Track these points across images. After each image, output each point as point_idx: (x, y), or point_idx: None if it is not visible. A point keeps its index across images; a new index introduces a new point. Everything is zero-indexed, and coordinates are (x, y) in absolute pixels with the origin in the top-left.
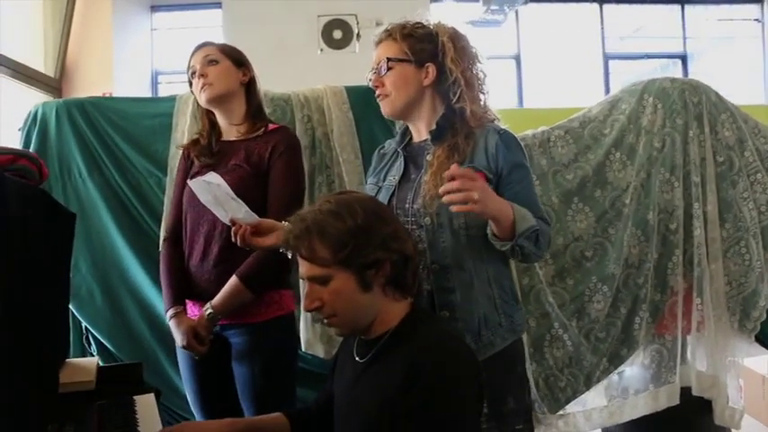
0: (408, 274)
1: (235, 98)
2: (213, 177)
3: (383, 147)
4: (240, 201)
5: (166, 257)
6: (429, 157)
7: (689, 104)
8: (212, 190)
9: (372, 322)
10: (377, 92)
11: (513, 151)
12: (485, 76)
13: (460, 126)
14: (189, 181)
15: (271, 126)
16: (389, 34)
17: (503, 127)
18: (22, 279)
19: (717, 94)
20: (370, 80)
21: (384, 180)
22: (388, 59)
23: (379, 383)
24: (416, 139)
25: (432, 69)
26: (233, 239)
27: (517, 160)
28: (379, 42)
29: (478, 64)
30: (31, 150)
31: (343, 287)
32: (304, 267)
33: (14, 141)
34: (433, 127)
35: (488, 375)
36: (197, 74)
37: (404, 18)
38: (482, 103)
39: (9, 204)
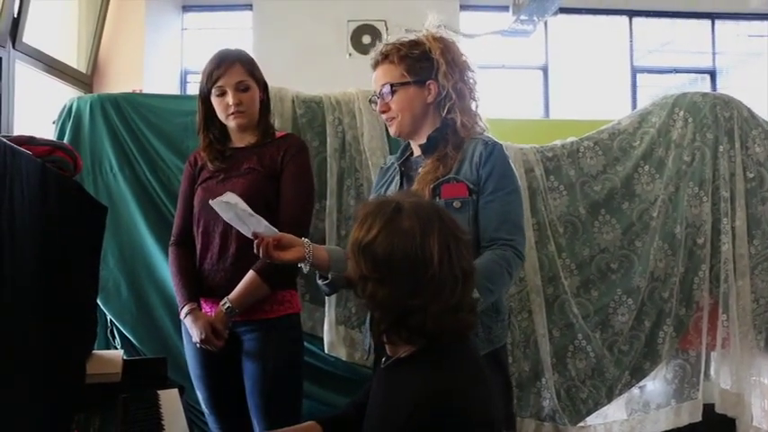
0: (411, 323)
1: (255, 117)
2: (231, 197)
3: (385, 163)
4: (259, 216)
5: (177, 259)
6: (421, 170)
7: (720, 119)
8: (232, 209)
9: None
10: (384, 116)
11: (492, 162)
12: (475, 83)
13: (452, 137)
14: (211, 202)
15: (278, 133)
16: (386, 57)
17: (490, 137)
18: (56, 270)
19: (749, 109)
20: (374, 103)
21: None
22: (392, 85)
23: (388, 404)
24: (415, 154)
25: (433, 86)
26: (255, 251)
27: (496, 171)
28: (375, 65)
29: (469, 72)
30: None
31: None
32: None
33: (47, 134)
34: (424, 141)
35: None
36: (229, 99)
37: (397, 37)
38: (473, 109)
39: (49, 195)
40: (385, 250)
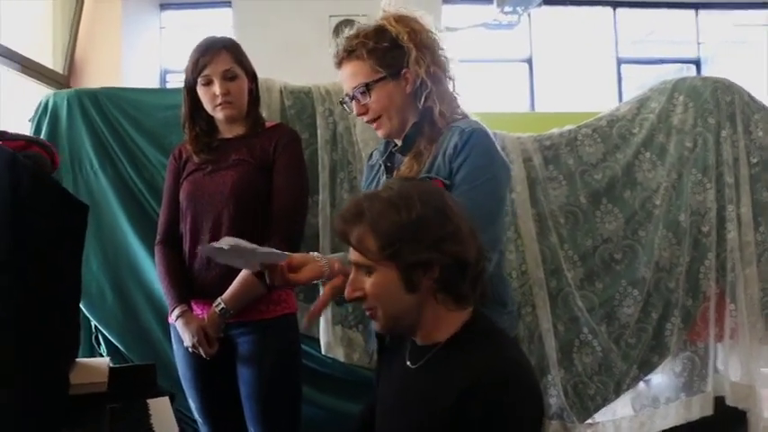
0: (464, 282)
1: (244, 108)
2: (229, 240)
3: (371, 158)
4: (263, 247)
5: (164, 258)
6: (402, 168)
7: (721, 103)
8: (230, 251)
9: (420, 326)
10: (364, 119)
11: (466, 153)
12: (447, 60)
13: (428, 130)
14: (199, 249)
15: (268, 124)
16: (351, 52)
17: (469, 124)
18: (32, 273)
19: (749, 93)
20: (344, 104)
21: None
22: (366, 85)
23: (430, 393)
24: (398, 148)
25: (409, 74)
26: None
27: (467, 163)
28: (340, 62)
29: (439, 51)
30: None
31: (385, 282)
32: (351, 253)
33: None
34: (399, 144)
35: None
36: (216, 89)
37: (354, 26)
38: (450, 91)
39: (21, 191)
40: (402, 218)
